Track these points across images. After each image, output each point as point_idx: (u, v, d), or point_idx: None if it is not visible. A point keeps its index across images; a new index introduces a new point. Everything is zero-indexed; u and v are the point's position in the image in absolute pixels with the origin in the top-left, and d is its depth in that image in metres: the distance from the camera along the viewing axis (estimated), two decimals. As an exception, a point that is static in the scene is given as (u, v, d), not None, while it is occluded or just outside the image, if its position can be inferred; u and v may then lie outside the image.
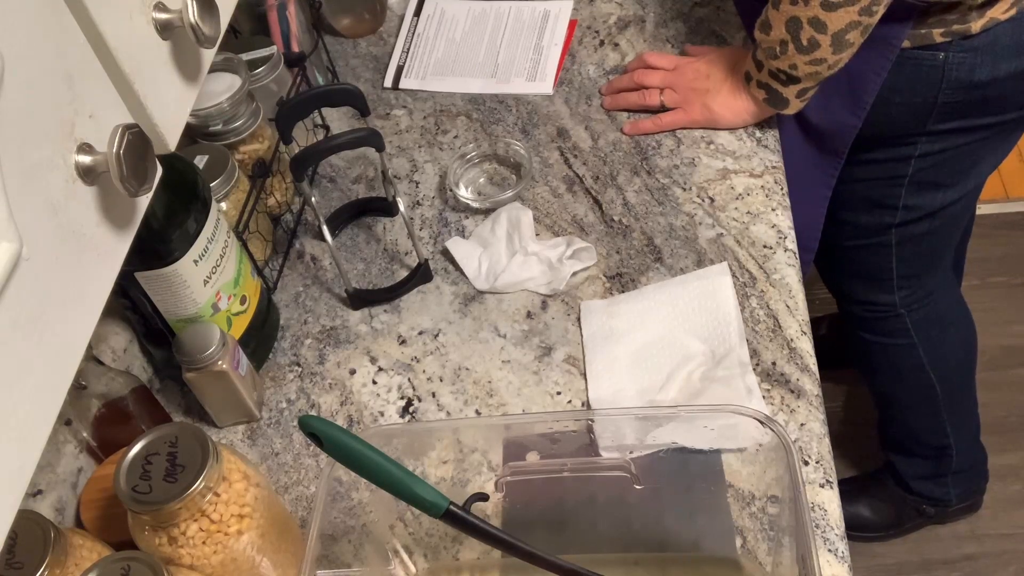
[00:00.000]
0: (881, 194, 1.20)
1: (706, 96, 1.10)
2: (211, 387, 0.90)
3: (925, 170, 1.14)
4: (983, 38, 0.98)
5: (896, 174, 1.16)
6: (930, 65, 1.01)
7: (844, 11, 0.91)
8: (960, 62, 1.00)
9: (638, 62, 1.18)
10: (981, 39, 0.98)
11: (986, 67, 1.00)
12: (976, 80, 1.01)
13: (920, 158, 1.13)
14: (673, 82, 1.12)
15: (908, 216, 1.21)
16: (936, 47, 0.99)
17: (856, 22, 0.92)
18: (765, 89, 1.04)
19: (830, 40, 0.93)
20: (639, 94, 1.14)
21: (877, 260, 1.29)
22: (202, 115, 0.99)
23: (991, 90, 1.02)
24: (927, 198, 1.18)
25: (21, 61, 0.42)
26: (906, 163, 1.14)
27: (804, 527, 0.68)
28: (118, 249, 0.51)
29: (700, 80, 1.11)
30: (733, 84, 1.08)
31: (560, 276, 1.00)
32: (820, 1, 0.91)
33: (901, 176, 1.16)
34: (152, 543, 0.72)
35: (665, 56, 1.16)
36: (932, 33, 0.98)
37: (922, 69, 1.01)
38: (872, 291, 1.35)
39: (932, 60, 1.00)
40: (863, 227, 1.25)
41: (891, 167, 1.16)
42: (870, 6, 0.90)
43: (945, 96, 1.03)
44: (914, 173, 1.15)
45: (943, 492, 1.63)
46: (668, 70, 1.14)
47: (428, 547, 0.85)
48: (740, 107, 1.09)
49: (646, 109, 1.14)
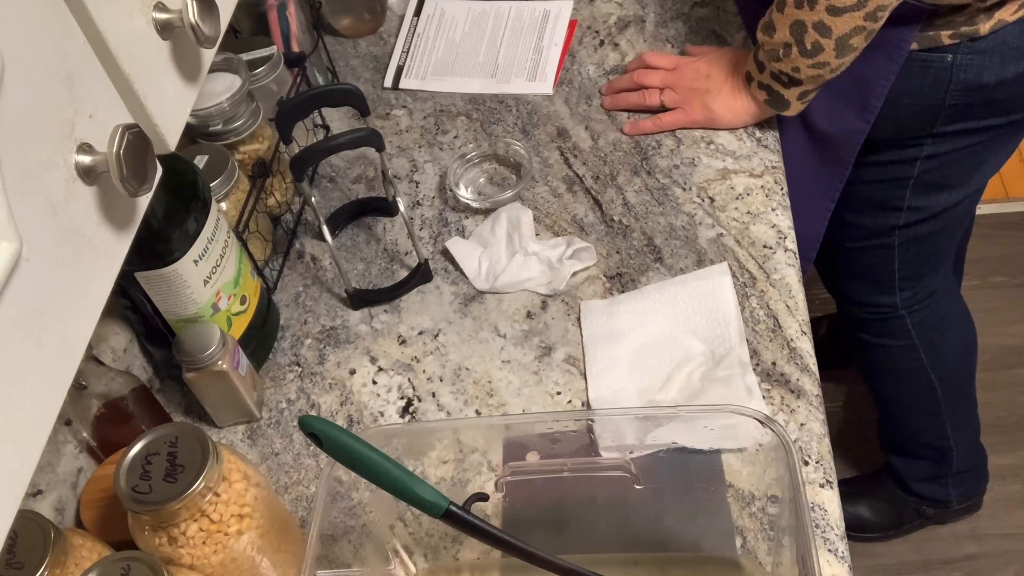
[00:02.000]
0: (886, 196, 1.20)
1: (706, 96, 1.10)
2: (211, 387, 0.90)
3: (930, 171, 1.14)
4: (991, 40, 0.97)
5: (901, 176, 1.16)
6: (938, 67, 1.00)
7: (849, 16, 0.91)
8: (968, 64, 0.99)
9: (638, 62, 1.18)
10: (989, 41, 0.98)
11: (994, 69, 0.99)
12: (984, 82, 1.00)
13: (926, 160, 1.12)
14: (673, 82, 1.12)
15: (912, 218, 1.20)
16: (944, 49, 0.99)
17: (861, 27, 0.91)
18: (766, 90, 1.03)
19: (834, 44, 0.93)
20: (639, 94, 1.14)
21: (879, 262, 1.29)
22: (202, 115, 0.99)
23: (998, 92, 1.02)
24: (931, 199, 1.18)
25: (21, 61, 0.42)
26: (912, 165, 1.14)
27: (804, 527, 0.68)
28: (118, 249, 0.51)
29: (700, 80, 1.11)
30: (733, 84, 1.08)
31: (560, 276, 1.00)
32: (826, 6, 0.91)
33: (906, 178, 1.15)
34: (152, 543, 0.72)
35: (665, 56, 1.16)
36: (940, 35, 0.98)
37: (930, 71, 1.01)
38: (874, 293, 1.35)
39: (940, 62, 1.00)
40: (866, 229, 1.25)
41: (896, 169, 1.15)
42: (875, 11, 0.90)
43: (953, 98, 1.03)
44: (919, 175, 1.14)
45: (943, 493, 1.63)
46: (668, 70, 1.14)
47: (428, 547, 0.85)
48: (740, 107, 1.08)
49: (646, 109, 1.14)
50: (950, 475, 1.59)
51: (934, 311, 1.37)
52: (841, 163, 1.12)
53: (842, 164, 1.12)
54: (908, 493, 1.64)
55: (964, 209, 1.23)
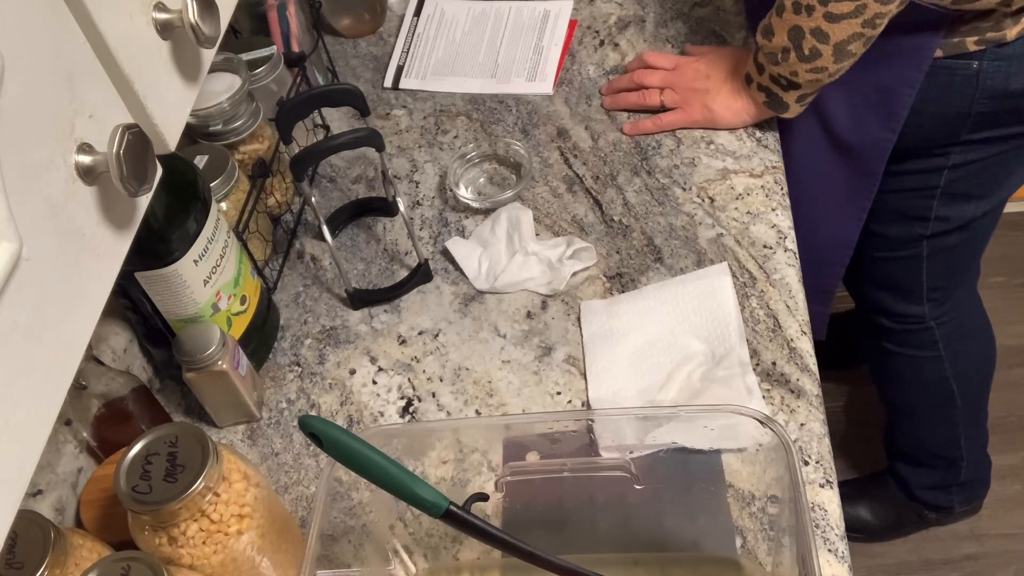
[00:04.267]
0: (912, 206, 1.18)
1: (706, 96, 1.10)
2: (211, 387, 0.90)
3: (957, 181, 1.12)
4: (1018, 45, 0.96)
5: (928, 185, 1.14)
6: (964, 74, 0.99)
7: (847, 23, 0.90)
8: (995, 71, 0.97)
9: (638, 62, 1.17)
10: (1016, 46, 0.96)
11: (1021, 75, 0.98)
12: (1011, 89, 0.99)
13: (952, 169, 1.11)
14: (673, 82, 1.12)
15: (939, 228, 1.19)
16: (970, 56, 0.97)
17: (859, 34, 0.91)
18: (765, 92, 1.03)
19: (832, 50, 0.93)
20: (639, 94, 1.14)
21: (907, 272, 1.27)
22: (202, 115, 0.99)
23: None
24: (958, 209, 1.16)
25: (21, 61, 0.42)
26: (938, 174, 1.12)
27: (804, 527, 0.68)
28: (118, 249, 0.51)
29: (700, 80, 1.10)
30: (733, 85, 1.08)
31: (560, 276, 1.00)
32: (823, 12, 0.90)
33: (933, 187, 1.14)
34: (152, 543, 0.72)
35: (665, 56, 1.16)
36: (965, 42, 0.96)
37: (955, 79, 0.99)
38: (901, 303, 1.33)
39: (966, 69, 0.98)
40: (893, 239, 1.23)
41: (923, 178, 1.14)
42: (873, 18, 0.89)
43: (979, 106, 1.01)
44: (946, 184, 1.13)
45: (947, 500, 1.63)
46: (668, 70, 1.13)
47: (428, 547, 0.85)
48: (740, 107, 1.08)
49: (646, 109, 1.14)
50: (956, 484, 1.59)
51: (960, 322, 1.35)
52: (870, 173, 1.10)
53: (871, 175, 1.10)
54: (911, 499, 1.63)
55: (991, 219, 1.21)
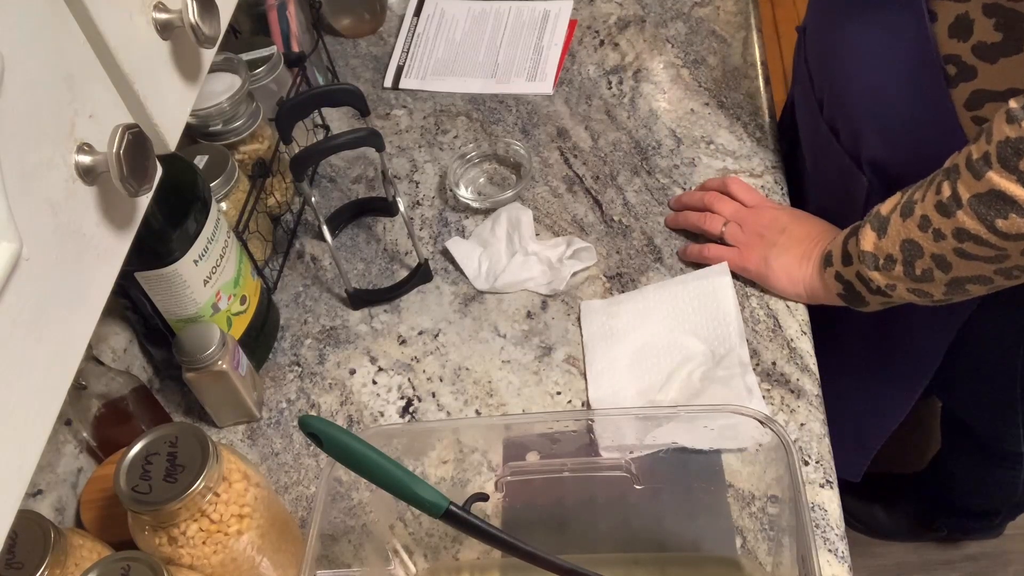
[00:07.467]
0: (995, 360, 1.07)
1: (771, 249, 0.96)
2: (211, 387, 0.90)
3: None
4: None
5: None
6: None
7: (978, 264, 0.75)
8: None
9: (719, 184, 1.04)
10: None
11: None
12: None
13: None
14: (744, 219, 0.99)
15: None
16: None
17: (987, 278, 0.77)
18: (844, 285, 0.88)
19: (947, 281, 0.78)
20: (700, 216, 1.02)
21: (1002, 392, 1.14)
22: (202, 115, 0.99)
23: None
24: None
25: (21, 61, 0.42)
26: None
27: (804, 527, 0.68)
28: (118, 249, 0.51)
29: (773, 231, 0.96)
30: (804, 252, 0.94)
31: (560, 276, 1.00)
32: (954, 247, 0.75)
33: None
34: (152, 543, 0.72)
35: (751, 192, 1.02)
36: None
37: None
38: (997, 423, 1.23)
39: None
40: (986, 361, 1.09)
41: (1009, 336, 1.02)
42: (1011, 269, 0.74)
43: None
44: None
45: (966, 528, 1.64)
46: (746, 205, 1.01)
47: (428, 547, 0.85)
48: (800, 278, 0.94)
49: (702, 232, 1.02)
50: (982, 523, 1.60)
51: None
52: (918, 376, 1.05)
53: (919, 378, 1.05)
54: (929, 526, 1.64)
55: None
